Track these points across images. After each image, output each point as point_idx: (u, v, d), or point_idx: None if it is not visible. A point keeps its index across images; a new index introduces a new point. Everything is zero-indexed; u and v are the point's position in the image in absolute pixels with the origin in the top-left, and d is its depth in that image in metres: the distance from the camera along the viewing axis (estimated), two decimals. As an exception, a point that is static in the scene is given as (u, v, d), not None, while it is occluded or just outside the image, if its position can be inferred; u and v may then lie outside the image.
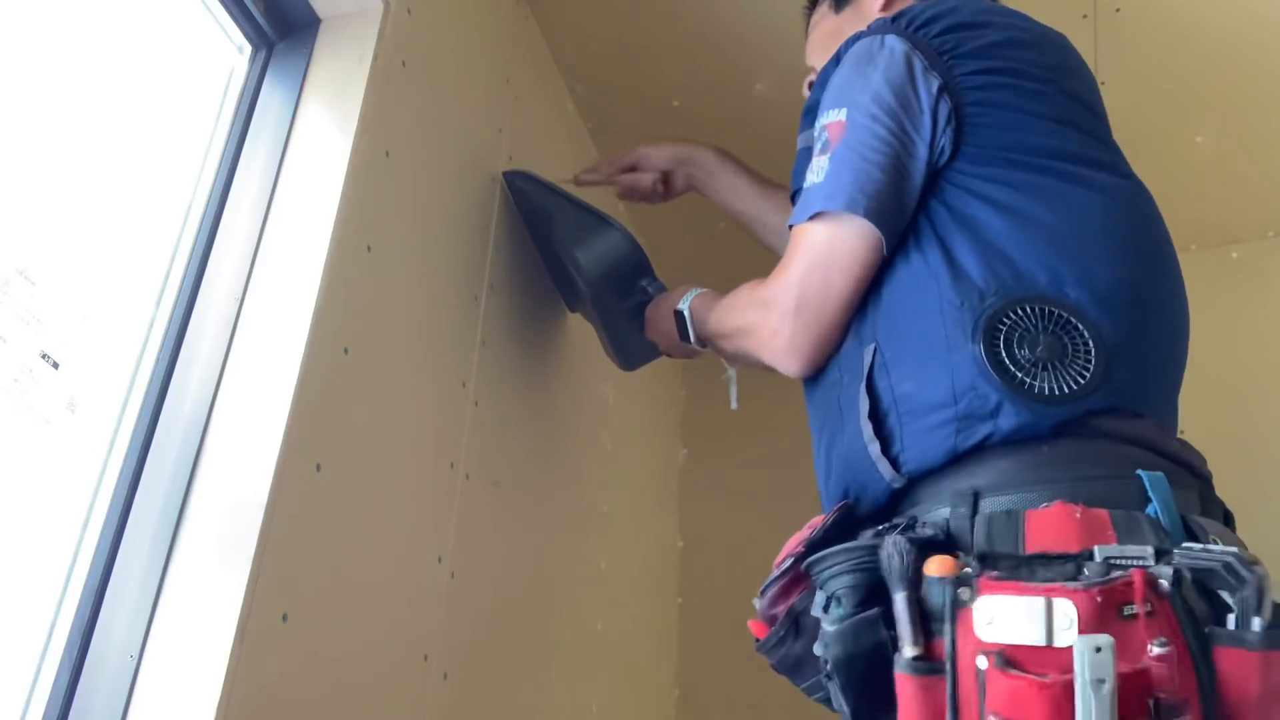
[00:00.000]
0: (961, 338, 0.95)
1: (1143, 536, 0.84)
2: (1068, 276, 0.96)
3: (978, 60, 1.06)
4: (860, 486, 1.01)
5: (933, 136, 1.04)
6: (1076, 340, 0.94)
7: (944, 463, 0.94)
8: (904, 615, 0.83)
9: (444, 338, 1.35)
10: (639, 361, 1.63)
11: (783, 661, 0.98)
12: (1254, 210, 2.12)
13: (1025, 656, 0.77)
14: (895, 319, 1.02)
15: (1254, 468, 1.91)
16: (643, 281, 1.48)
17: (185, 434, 1.02)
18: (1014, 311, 0.95)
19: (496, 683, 1.41)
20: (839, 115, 1.07)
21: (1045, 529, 0.85)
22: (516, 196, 1.57)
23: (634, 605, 2.05)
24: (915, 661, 0.82)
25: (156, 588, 0.95)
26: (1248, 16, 1.71)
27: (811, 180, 1.07)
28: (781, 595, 0.98)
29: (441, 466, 1.30)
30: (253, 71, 1.25)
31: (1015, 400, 0.91)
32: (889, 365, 0.99)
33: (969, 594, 0.81)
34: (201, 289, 1.11)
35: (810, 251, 1.06)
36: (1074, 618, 0.76)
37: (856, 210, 1.02)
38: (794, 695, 1.02)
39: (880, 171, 1.03)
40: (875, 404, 0.99)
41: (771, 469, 2.37)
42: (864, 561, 0.88)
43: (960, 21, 1.09)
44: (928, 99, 1.04)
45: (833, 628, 0.87)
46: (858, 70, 1.09)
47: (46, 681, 0.91)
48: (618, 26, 1.80)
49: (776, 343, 1.09)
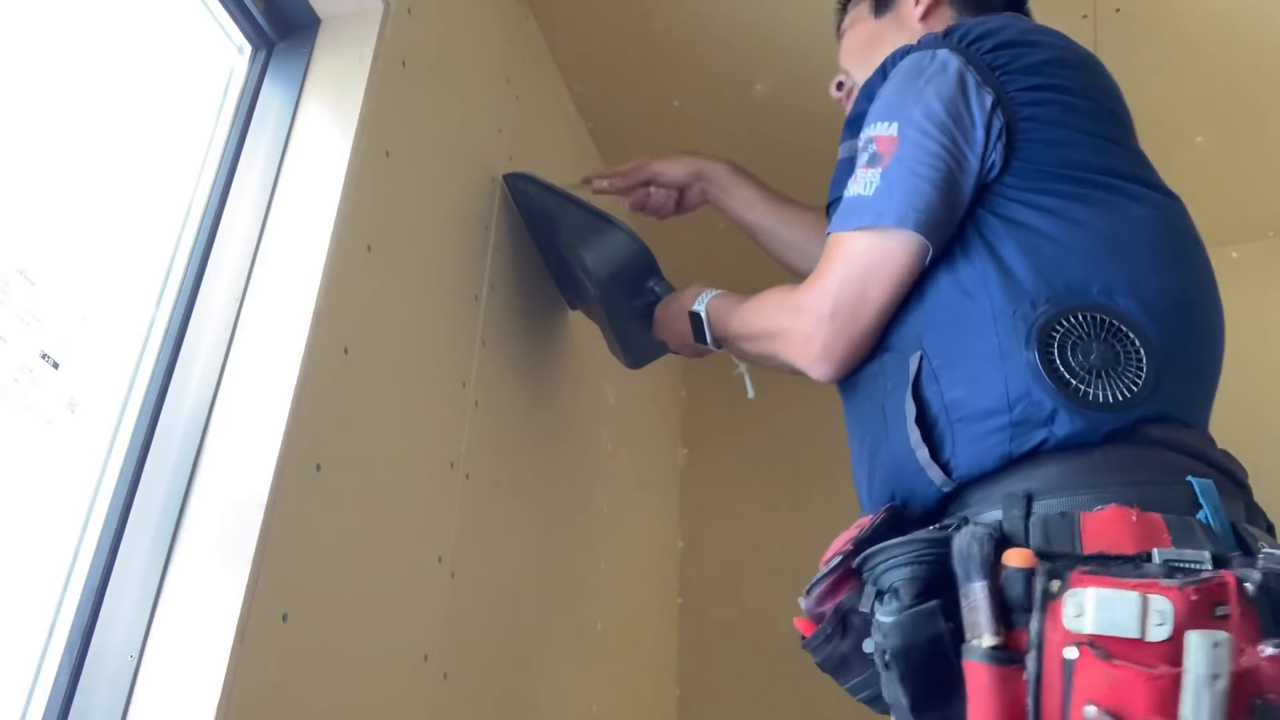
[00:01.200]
0: (1015, 345, 0.96)
1: (1198, 541, 0.85)
2: (1118, 286, 0.98)
3: (1028, 77, 1.08)
4: (908, 491, 1.02)
5: (985, 150, 1.05)
6: (1129, 349, 0.95)
7: (997, 468, 0.95)
8: (983, 604, 0.84)
9: (444, 338, 1.35)
10: (646, 360, 1.64)
11: (828, 659, 0.99)
12: (1254, 210, 2.12)
13: (1115, 648, 0.78)
14: (943, 327, 1.03)
15: (1255, 467, 1.91)
16: (650, 282, 1.49)
17: (185, 434, 1.02)
18: (1067, 319, 0.96)
19: (496, 683, 1.41)
20: (889, 129, 1.08)
21: (1102, 530, 0.86)
22: (518, 199, 1.57)
23: (634, 605, 2.05)
24: (995, 651, 0.82)
25: (156, 588, 0.95)
26: (1248, 16, 1.71)
27: (857, 191, 1.08)
28: (829, 593, 0.99)
29: (441, 466, 1.30)
30: (253, 71, 1.25)
31: (1070, 407, 0.93)
32: (937, 372, 1.01)
33: (1059, 585, 0.81)
34: (201, 289, 1.11)
35: (850, 260, 1.07)
36: (1168, 614, 0.77)
37: (907, 224, 1.03)
38: (794, 695, 1.02)
39: (931, 186, 1.04)
40: (923, 411, 1.00)
41: (772, 469, 2.38)
42: (924, 554, 0.89)
43: (1011, 39, 1.11)
44: (980, 113, 1.06)
45: (890, 619, 0.88)
46: (909, 84, 1.10)
47: (46, 681, 0.91)
48: (618, 26, 1.80)
49: (809, 348, 1.09)
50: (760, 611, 2.20)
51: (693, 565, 2.33)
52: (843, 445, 1.15)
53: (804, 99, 1.90)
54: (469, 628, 1.33)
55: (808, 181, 2.06)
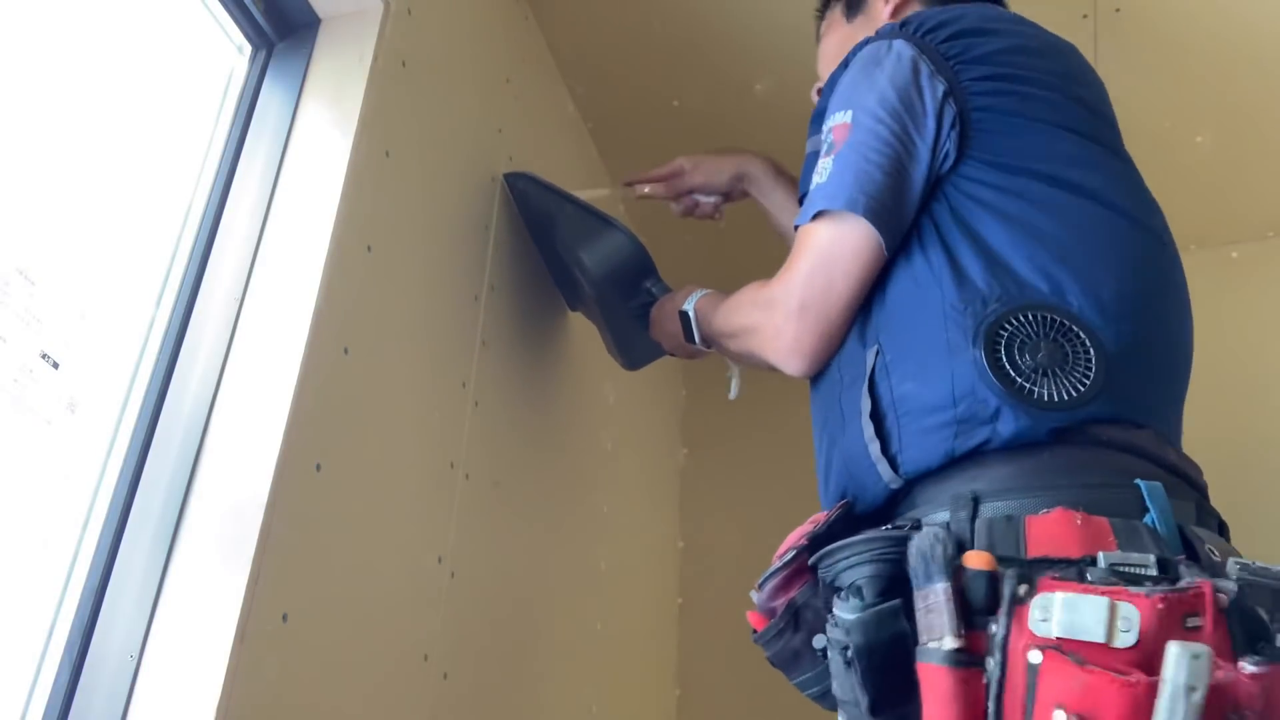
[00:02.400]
0: (963, 341, 0.95)
1: (1143, 545, 0.84)
2: (1070, 286, 0.97)
3: (984, 66, 1.07)
4: (859, 487, 1.01)
5: (936, 140, 1.04)
6: (1077, 348, 0.94)
7: (941, 465, 0.94)
8: (944, 606, 0.82)
9: (444, 338, 1.35)
10: (643, 361, 1.64)
11: (779, 654, 0.98)
12: (1254, 210, 2.12)
13: (1083, 653, 0.77)
14: (897, 321, 1.02)
15: (1252, 468, 1.91)
16: (647, 282, 1.49)
17: (185, 434, 1.02)
18: (1016, 318, 0.95)
19: (496, 683, 1.41)
20: (844, 118, 1.08)
21: (1046, 534, 0.85)
22: (518, 198, 1.57)
23: (634, 605, 2.05)
24: (956, 654, 0.81)
25: (156, 588, 0.95)
26: (1248, 17, 1.71)
27: (816, 181, 1.08)
28: (782, 588, 0.98)
29: (441, 466, 1.30)
30: (253, 71, 1.25)
31: (1015, 406, 0.92)
32: (890, 367, 1.00)
33: (1027, 590, 0.80)
34: (201, 289, 1.11)
35: (814, 252, 1.06)
36: (1134, 621, 0.76)
37: (856, 209, 1.03)
38: (794, 695, 1.02)
39: (881, 173, 1.03)
40: (876, 404, 0.99)
41: (771, 469, 2.38)
42: (886, 552, 0.88)
43: (967, 28, 1.10)
44: (932, 102, 1.05)
45: (853, 616, 0.86)
46: (864, 73, 1.10)
47: (46, 681, 0.91)
48: (618, 27, 1.80)
49: (780, 342, 1.09)
50: (760, 611, 2.21)
51: (693, 565, 2.34)
52: (842, 445, 1.15)
53: (804, 99, 1.89)
54: (469, 628, 1.33)
55: (808, 181, 2.07)
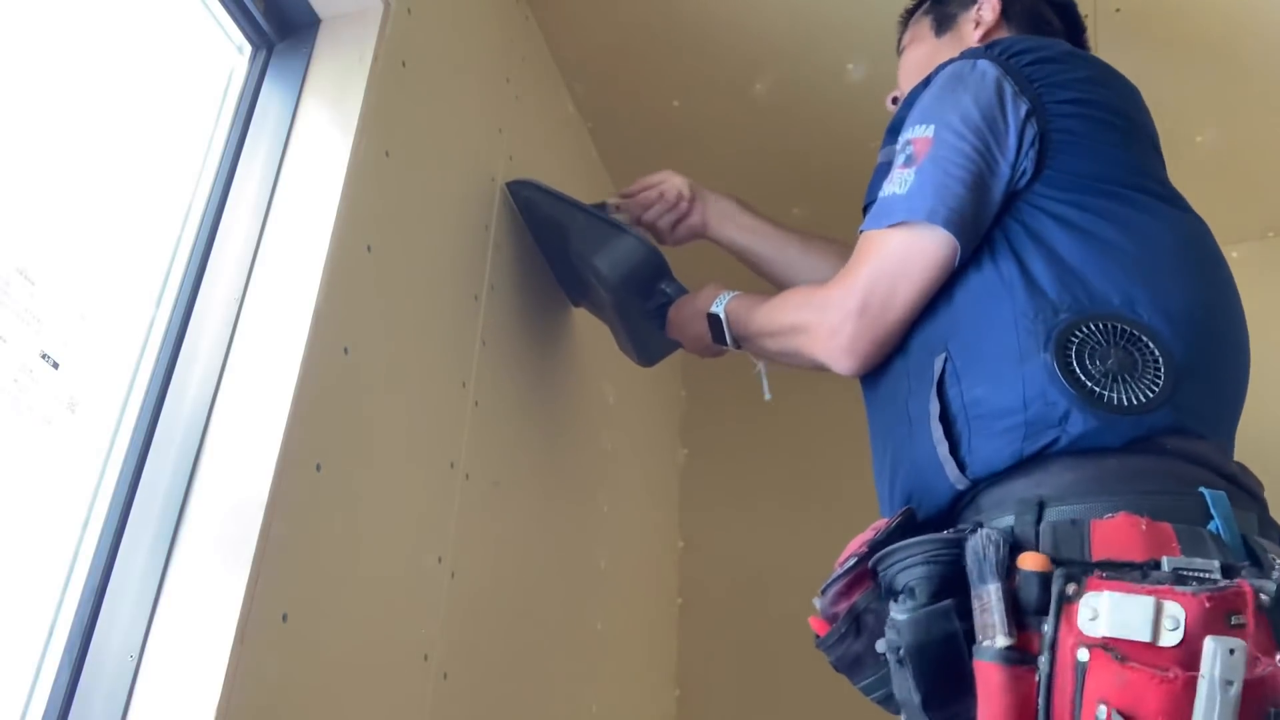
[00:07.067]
0: (1034, 348, 0.98)
1: (1207, 551, 0.86)
2: (1140, 298, 1.00)
3: (1065, 90, 1.11)
4: (924, 489, 1.03)
5: (1016, 157, 1.08)
6: (1146, 356, 0.97)
7: (1009, 467, 0.96)
8: (996, 606, 0.85)
9: (444, 338, 1.35)
10: (658, 357, 1.66)
11: (842, 659, 1.00)
12: (1254, 210, 2.12)
13: (1128, 651, 0.79)
14: (967, 329, 1.05)
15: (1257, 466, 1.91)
16: (662, 284, 1.51)
17: (185, 434, 1.02)
18: (1086, 326, 0.98)
19: (496, 683, 1.41)
20: (926, 131, 1.11)
21: (1110, 538, 0.87)
22: (522, 206, 1.58)
23: (634, 605, 2.05)
24: (1008, 652, 0.84)
25: (156, 588, 0.95)
26: (1247, 16, 1.71)
27: (892, 191, 1.10)
28: (843, 594, 1.00)
29: (441, 466, 1.30)
30: (253, 71, 1.25)
31: (1084, 408, 0.94)
32: (960, 373, 1.02)
33: (1075, 589, 0.83)
34: (201, 289, 1.11)
35: (882, 257, 1.09)
36: (1180, 619, 0.79)
37: (936, 220, 1.06)
38: (794, 695, 1.02)
39: (962, 186, 1.06)
40: (945, 409, 1.02)
41: (771, 469, 2.38)
42: (939, 554, 0.91)
43: (1050, 56, 1.15)
44: (1015, 121, 1.09)
45: (905, 616, 0.89)
46: (948, 90, 1.13)
47: (46, 681, 0.91)
48: (618, 26, 1.80)
49: (834, 342, 1.11)
50: (760, 611, 2.21)
51: (693, 565, 2.33)
52: (843, 445, 1.15)
53: (803, 99, 1.90)
54: (469, 628, 1.33)
55: (807, 181, 2.07)
